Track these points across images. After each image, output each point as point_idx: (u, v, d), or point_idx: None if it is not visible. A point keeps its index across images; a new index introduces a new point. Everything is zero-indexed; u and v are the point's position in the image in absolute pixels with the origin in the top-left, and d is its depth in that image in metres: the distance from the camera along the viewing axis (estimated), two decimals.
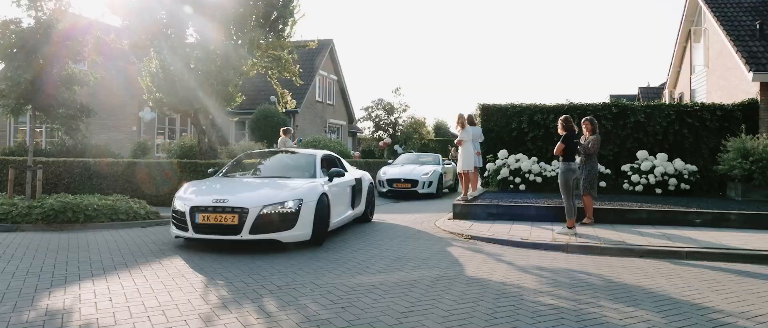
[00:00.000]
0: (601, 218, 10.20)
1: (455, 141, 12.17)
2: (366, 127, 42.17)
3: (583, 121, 9.96)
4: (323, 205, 8.10)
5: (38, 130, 20.85)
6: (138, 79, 14.97)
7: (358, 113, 40.77)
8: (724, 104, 14.47)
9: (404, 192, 17.24)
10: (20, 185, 13.13)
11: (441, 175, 17.94)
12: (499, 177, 14.43)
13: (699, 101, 15.79)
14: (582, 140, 9.78)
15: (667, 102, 19.35)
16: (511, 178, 14.32)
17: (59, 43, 11.37)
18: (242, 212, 7.30)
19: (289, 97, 16.86)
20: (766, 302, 5.24)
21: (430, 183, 17.35)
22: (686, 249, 7.66)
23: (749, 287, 5.86)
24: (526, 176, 14.24)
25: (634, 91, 35.13)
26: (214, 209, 7.41)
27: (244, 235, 7.31)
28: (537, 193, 13.61)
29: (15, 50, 11.23)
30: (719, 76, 17.63)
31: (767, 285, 5.93)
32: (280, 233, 7.48)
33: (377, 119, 41.40)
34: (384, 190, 17.34)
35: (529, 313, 4.77)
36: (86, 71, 12.15)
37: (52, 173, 14.08)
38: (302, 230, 7.65)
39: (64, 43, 11.46)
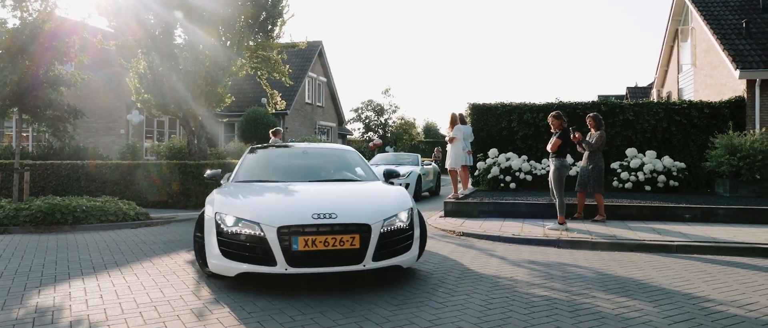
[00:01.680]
0: (591, 214, 10.25)
1: (446, 139, 12.19)
2: (356, 129, 42.22)
3: (587, 117, 9.96)
4: (421, 215, 6.14)
5: (24, 134, 20.66)
6: (126, 81, 14.89)
7: (348, 115, 40.85)
8: (711, 102, 14.60)
9: None
10: (7, 187, 13.01)
11: (420, 177, 16.30)
12: (489, 176, 14.46)
13: (687, 99, 15.92)
14: (588, 137, 9.81)
15: (655, 101, 19.50)
16: (501, 176, 14.36)
17: (45, 44, 11.28)
18: (362, 230, 5.11)
19: (278, 98, 16.83)
20: (755, 291, 5.29)
21: (407, 186, 15.24)
22: (676, 243, 7.72)
23: (738, 277, 5.91)
24: (517, 174, 14.28)
25: (622, 91, 35.43)
26: (319, 229, 5.02)
27: (368, 263, 5.11)
28: (527, 191, 13.66)
29: (0, 51, 11.13)
30: (706, 75, 17.81)
31: (756, 276, 5.99)
32: (400, 257, 5.40)
33: (367, 120, 41.45)
34: None
35: (522, 304, 4.78)
36: (73, 72, 12.04)
37: (39, 175, 13.96)
38: (415, 250, 5.65)
39: (51, 44, 11.37)
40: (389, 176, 7.08)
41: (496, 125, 15.39)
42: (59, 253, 7.44)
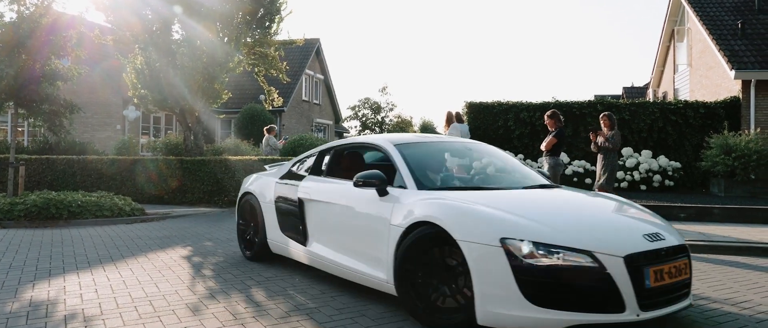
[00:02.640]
0: None
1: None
2: (352, 127, 42.23)
3: (601, 116, 9.86)
4: None
5: (20, 129, 20.59)
6: (123, 77, 14.86)
7: (345, 113, 40.85)
8: (707, 102, 14.68)
9: None
10: (2, 182, 12.98)
11: None
12: None
13: (682, 99, 15.98)
14: (601, 136, 9.74)
15: (651, 100, 19.57)
16: None
17: (43, 38, 11.24)
18: (687, 254, 4.06)
19: (275, 95, 16.83)
20: (749, 289, 5.31)
21: None
22: None
23: (733, 275, 5.93)
24: None
25: (619, 91, 35.52)
26: (658, 255, 3.80)
27: (690, 295, 4.08)
28: None
29: None
30: (702, 75, 17.87)
31: (751, 274, 6.02)
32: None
33: (364, 118, 41.48)
34: None
35: None
36: (70, 67, 12.01)
37: (34, 170, 13.91)
38: None
39: (48, 39, 11.33)
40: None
41: (493, 124, 15.42)
42: (54, 247, 7.42)
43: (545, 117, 9.40)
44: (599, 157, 9.70)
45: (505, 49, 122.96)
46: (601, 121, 9.84)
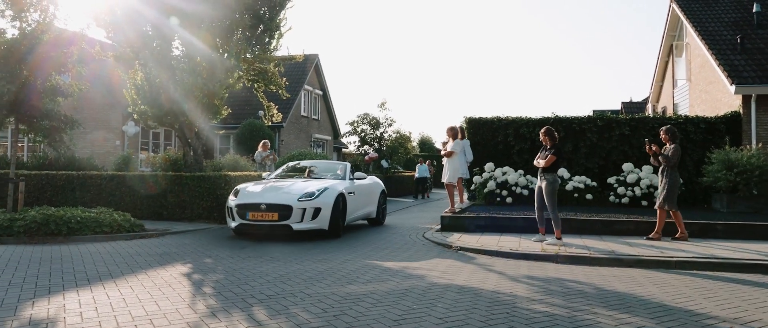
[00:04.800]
0: (589, 229, 10.24)
1: (444, 152, 12.14)
2: (351, 142, 42.08)
3: (661, 130, 9.60)
4: None
5: (20, 144, 20.54)
6: (123, 92, 14.84)
7: (344, 128, 40.71)
8: (707, 117, 14.67)
9: (268, 228, 9.94)
10: (1, 198, 12.90)
11: (341, 197, 10.46)
12: (485, 190, 14.44)
13: (682, 114, 15.98)
14: (663, 150, 9.49)
15: (650, 115, 19.58)
16: (497, 191, 14.34)
17: (44, 54, 11.23)
18: None
19: (274, 110, 16.81)
20: (758, 308, 5.25)
21: (316, 211, 9.86)
22: (675, 259, 7.68)
23: (740, 294, 5.87)
24: (513, 188, 14.27)
25: (617, 106, 35.56)
26: None
27: None
28: (523, 205, 13.62)
29: None
30: (702, 90, 17.89)
31: (758, 292, 5.96)
32: None
33: (363, 134, 41.32)
34: (234, 224, 10.12)
35: (523, 319, 4.73)
36: (70, 83, 12.00)
37: (34, 185, 13.84)
38: None
39: (49, 55, 11.32)
40: None
41: (493, 139, 15.40)
42: (53, 264, 7.34)
43: (541, 134, 9.40)
44: (659, 171, 9.48)
45: (504, 65, 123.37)
46: (662, 136, 9.55)
